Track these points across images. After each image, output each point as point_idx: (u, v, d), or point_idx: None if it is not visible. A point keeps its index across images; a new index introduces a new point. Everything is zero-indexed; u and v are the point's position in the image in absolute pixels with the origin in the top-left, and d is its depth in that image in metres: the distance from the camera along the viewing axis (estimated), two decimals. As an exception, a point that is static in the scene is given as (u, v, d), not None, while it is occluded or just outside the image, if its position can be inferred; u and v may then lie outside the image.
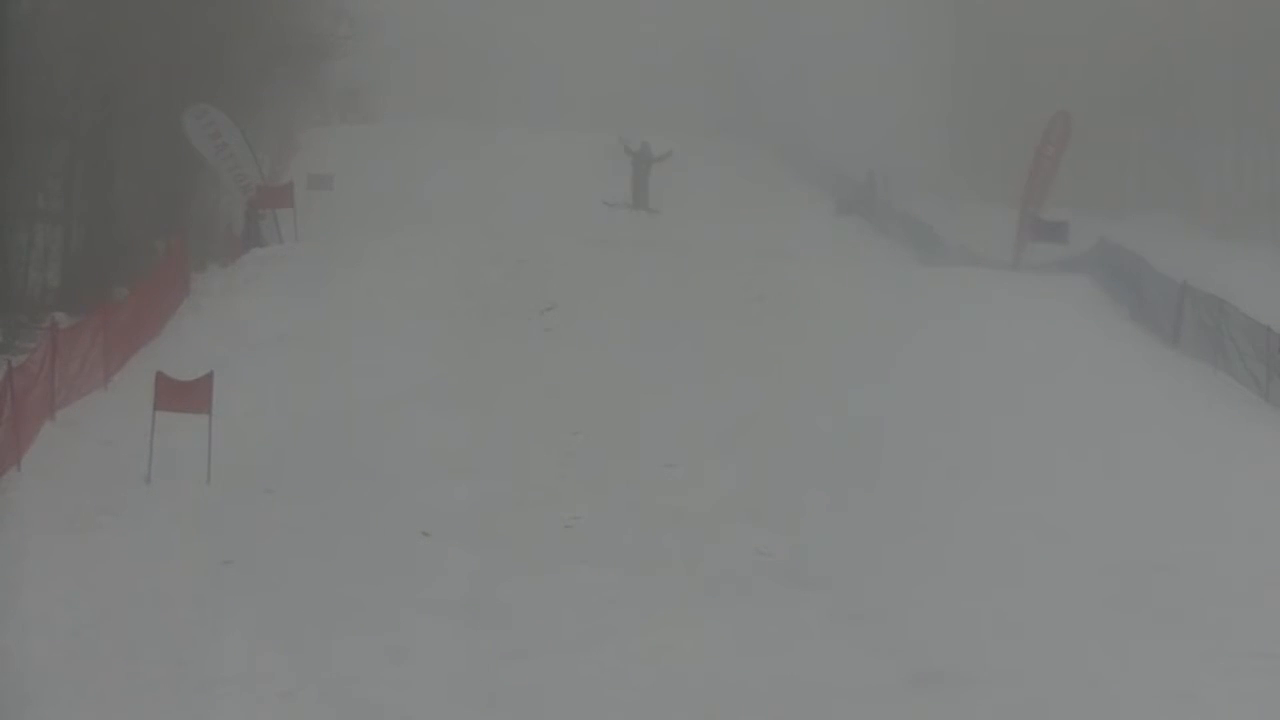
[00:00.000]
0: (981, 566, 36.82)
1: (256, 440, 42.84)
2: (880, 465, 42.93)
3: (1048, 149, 75.27)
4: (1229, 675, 31.01)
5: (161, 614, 32.70)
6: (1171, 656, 31.90)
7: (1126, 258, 64.21)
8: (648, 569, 36.12)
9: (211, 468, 40.96)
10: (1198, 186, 77.09)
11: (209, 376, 42.94)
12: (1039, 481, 42.01)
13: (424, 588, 34.46)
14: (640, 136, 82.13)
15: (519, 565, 36.01)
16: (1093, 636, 33.17)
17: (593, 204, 77.69)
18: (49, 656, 29.55)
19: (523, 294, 56.60)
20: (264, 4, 68.73)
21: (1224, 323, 55.43)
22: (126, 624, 31.94)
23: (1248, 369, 52.59)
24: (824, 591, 34.97)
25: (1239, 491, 42.72)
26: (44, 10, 57.33)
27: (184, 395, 42.74)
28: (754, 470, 42.46)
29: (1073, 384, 50.58)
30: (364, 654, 30.96)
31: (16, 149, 56.02)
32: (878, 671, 30.98)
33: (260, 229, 66.52)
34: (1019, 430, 46.02)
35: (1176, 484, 42.64)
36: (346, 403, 46.84)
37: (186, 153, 66.01)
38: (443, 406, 46.71)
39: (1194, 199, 76.32)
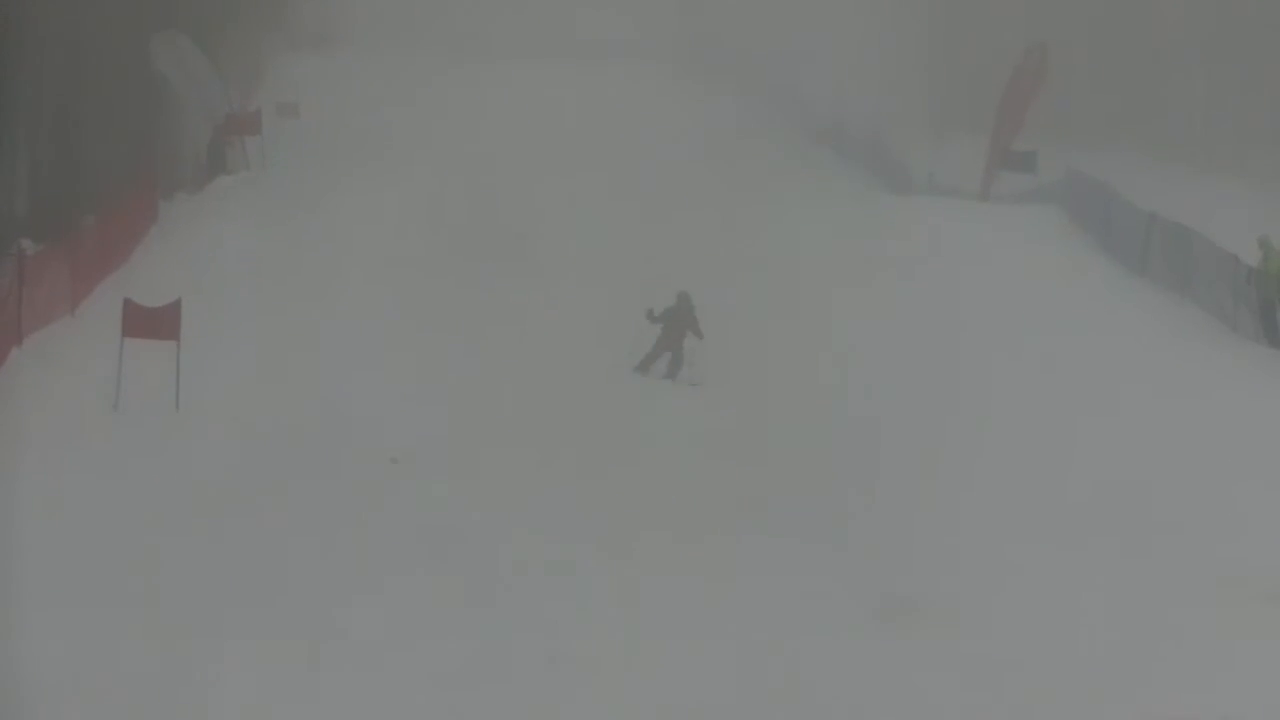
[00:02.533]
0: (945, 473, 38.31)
1: (224, 368, 43.14)
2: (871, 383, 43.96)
3: (1022, 81, 75.51)
4: (1197, 601, 31.47)
5: (122, 542, 33.14)
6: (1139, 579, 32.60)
7: (1095, 188, 64.67)
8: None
9: (180, 395, 41.65)
10: (1168, 119, 77.08)
11: (177, 303, 43.31)
12: (1003, 406, 42.94)
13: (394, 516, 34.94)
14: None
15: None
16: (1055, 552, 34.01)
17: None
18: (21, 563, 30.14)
19: (489, 230, 57.09)
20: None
21: (1190, 251, 56.09)
22: (91, 547, 32.51)
23: (1215, 298, 53.19)
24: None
25: (1203, 421, 43.34)
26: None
27: (152, 322, 43.09)
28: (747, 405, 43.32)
29: (1037, 316, 50.98)
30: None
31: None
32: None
33: (227, 157, 66.89)
34: (983, 361, 46.59)
35: (1144, 415, 43.18)
36: (311, 330, 47.32)
37: (153, 79, 66.33)
38: (400, 336, 47.26)
39: (1165, 132, 76.35)
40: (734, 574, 32.33)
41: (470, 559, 32.97)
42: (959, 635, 30.21)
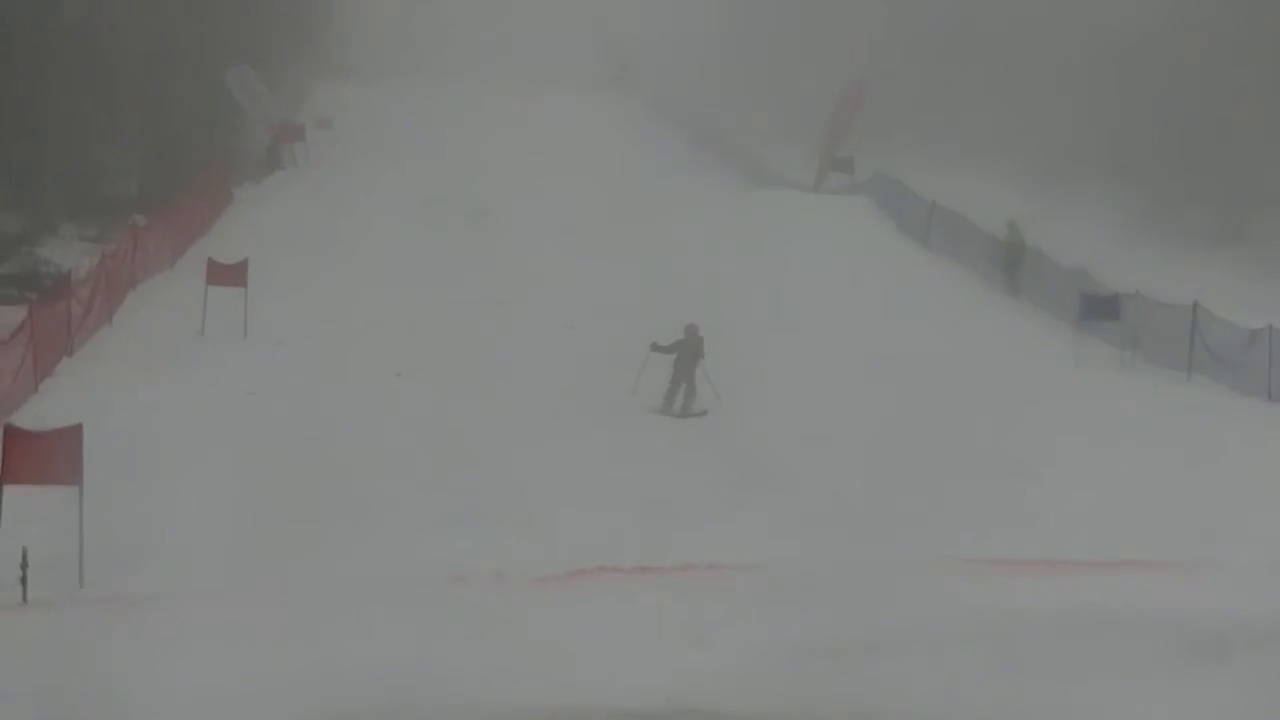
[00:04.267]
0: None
1: (277, 302, 42.76)
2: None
3: (845, 104, 75.36)
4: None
5: (203, 424, 33.42)
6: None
7: (894, 184, 64.91)
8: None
9: (248, 326, 42.03)
10: (949, 135, 76.69)
11: (245, 262, 43.65)
12: (818, 321, 43.80)
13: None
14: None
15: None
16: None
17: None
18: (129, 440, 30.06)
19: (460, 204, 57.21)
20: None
21: (959, 230, 56.77)
22: (180, 429, 32.88)
23: (975, 262, 53.81)
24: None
25: (962, 338, 44.22)
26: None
27: (227, 274, 43.35)
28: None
29: (850, 271, 51.52)
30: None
31: (104, 103, 56.86)
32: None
33: (281, 156, 67.17)
34: (807, 295, 47.11)
35: (920, 332, 43.93)
36: (322, 275, 47.25)
37: (227, 99, 66.56)
38: (405, 279, 46.96)
39: (946, 144, 76.04)
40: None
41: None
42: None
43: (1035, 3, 74.03)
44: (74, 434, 24.95)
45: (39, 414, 31.47)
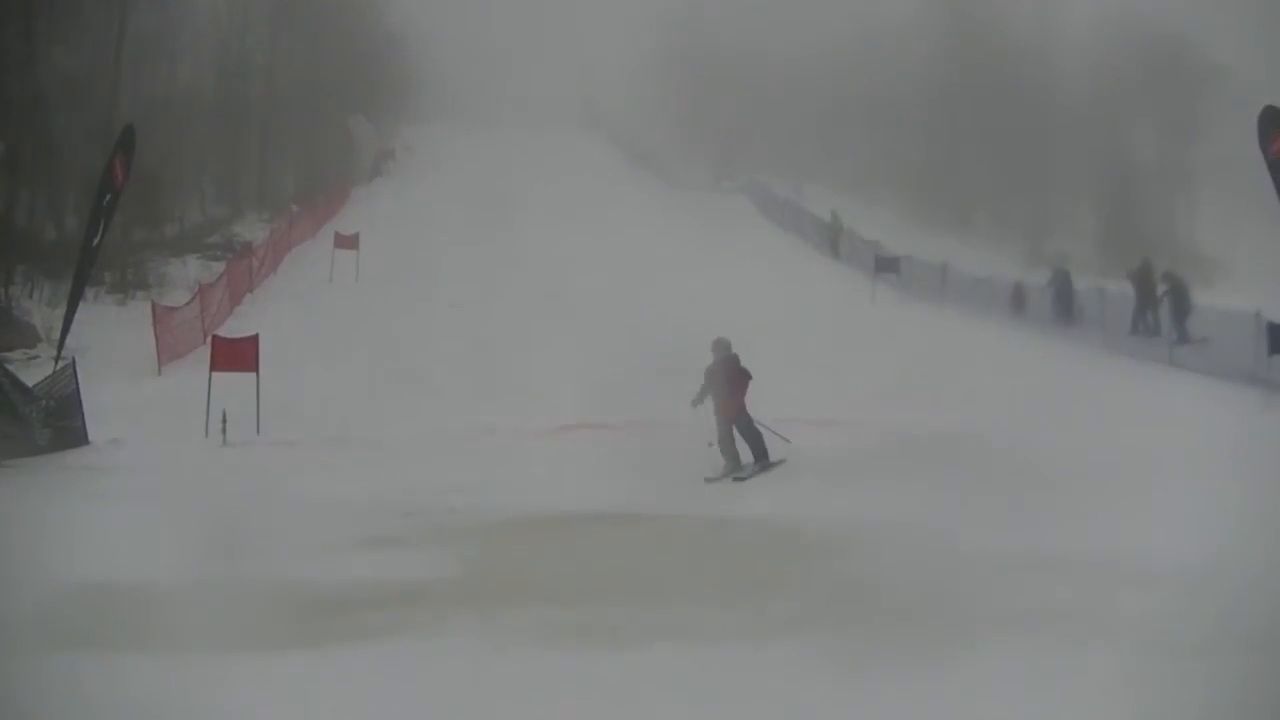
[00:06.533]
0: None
1: (375, 259, 42.51)
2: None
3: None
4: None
5: (330, 335, 33.49)
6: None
7: (761, 188, 64.61)
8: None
9: (359, 273, 42.07)
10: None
11: (357, 234, 44.01)
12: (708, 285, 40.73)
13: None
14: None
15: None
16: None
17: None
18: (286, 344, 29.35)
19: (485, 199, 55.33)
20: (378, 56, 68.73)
21: (801, 216, 57.30)
22: (316, 338, 33.15)
23: (815, 238, 54.28)
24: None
25: (802, 279, 44.49)
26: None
27: (347, 241, 43.56)
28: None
29: (728, 239, 50.53)
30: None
31: (276, 138, 57.23)
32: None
33: (381, 169, 66.89)
34: (702, 254, 45.29)
35: (774, 274, 43.96)
36: (405, 242, 46.17)
37: (348, 134, 66.51)
38: (455, 243, 45.81)
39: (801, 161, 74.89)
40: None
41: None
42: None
43: (848, 63, 73.28)
44: (253, 340, 25.80)
45: (232, 328, 32.06)
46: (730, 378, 19.26)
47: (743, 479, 17.97)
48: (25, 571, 11.48)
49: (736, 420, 19.07)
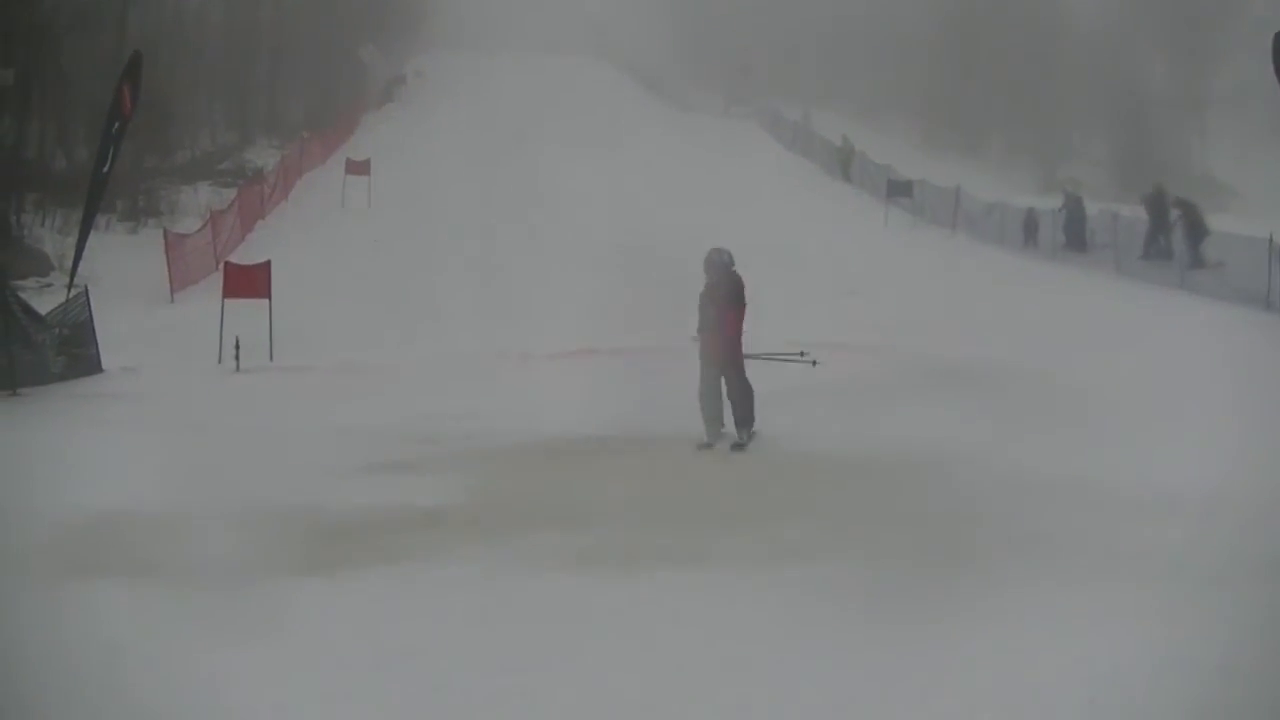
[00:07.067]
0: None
1: (386, 185, 42.90)
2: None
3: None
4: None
5: (342, 261, 34.06)
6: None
7: (773, 112, 64.88)
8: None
9: (371, 198, 42.19)
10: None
11: (368, 160, 44.13)
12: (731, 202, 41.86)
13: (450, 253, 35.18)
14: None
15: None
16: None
17: None
18: (298, 270, 29.83)
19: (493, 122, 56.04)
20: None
21: (814, 141, 57.12)
22: (327, 264, 33.56)
23: (825, 161, 54.19)
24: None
25: (815, 201, 45.01)
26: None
27: (358, 168, 43.87)
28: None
29: (740, 161, 51.45)
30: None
31: (292, 67, 56.97)
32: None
33: (392, 95, 66.85)
34: (714, 176, 46.33)
35: (787, 196, 44.70)
36: (417, 168, 46.55)
37: (355, 60, 66.40)
38: (462, 171, 45.73)
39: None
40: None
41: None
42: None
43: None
44: (265, 267, 25.94)
45: (244, 255, 32.17)
46: (729, 301, 14.31)
47: (743, 447, 14.03)
48: (43, 499, 11.45)
49: (725, 368, 14.35)
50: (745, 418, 14.33)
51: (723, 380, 14.36)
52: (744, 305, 14.40)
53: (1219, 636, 7.51)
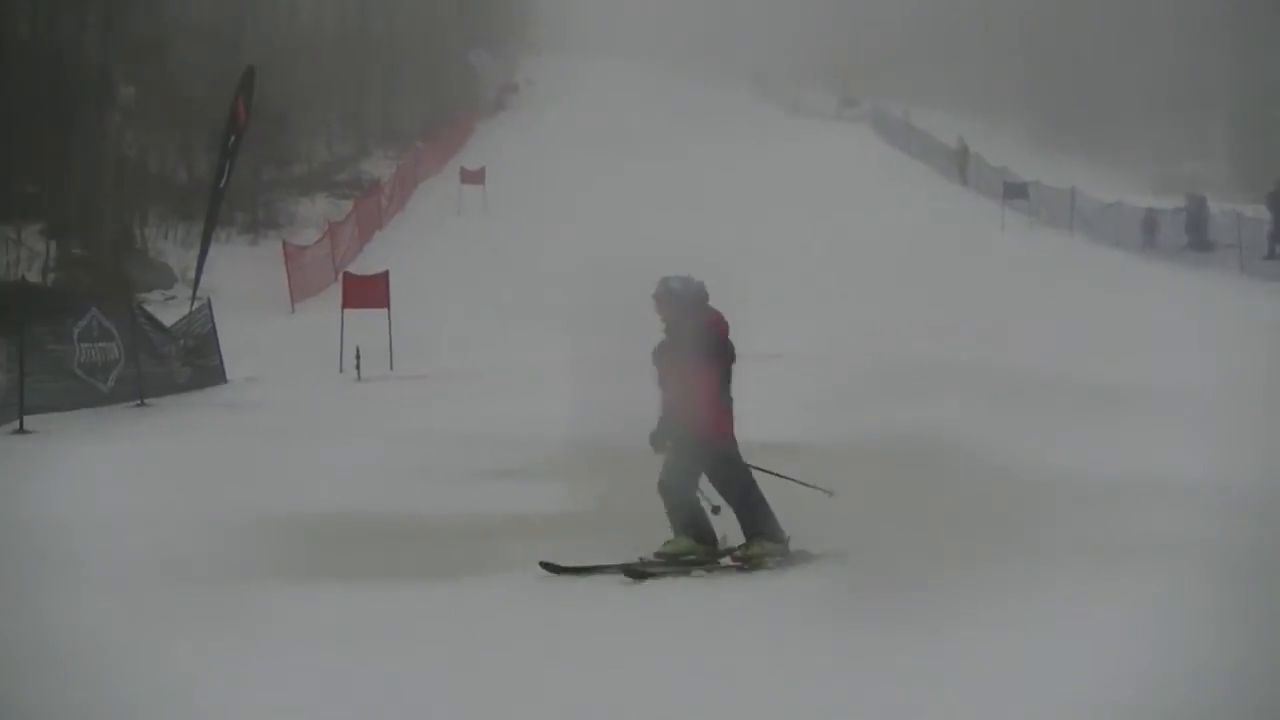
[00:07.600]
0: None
1: (503, 193, 43.05)
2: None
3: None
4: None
5: (460, 268, 34.45)
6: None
7: (885, 115, 64.45)
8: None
9: (486, 207, 42.54)
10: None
11: (483, 168, 44.43)
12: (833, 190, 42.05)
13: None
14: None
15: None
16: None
17: None
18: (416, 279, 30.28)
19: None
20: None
21: (925, 142, 56.54)
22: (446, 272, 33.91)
23: (940, 163, 53.64)
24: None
25: (933, 204, 44.54)
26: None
27: (473, 176, 44.25)
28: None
29: (855, 167, 51.14)
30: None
31: (401, 77, 57.50)
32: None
33: (504, 103, 67.22)
34: (829, 182, 45.99)
35: (906, 200, 44.10)
36: (538, 175, 45.89)
37: (471, 70, 66.81)
38: (573, 175, 45.24)
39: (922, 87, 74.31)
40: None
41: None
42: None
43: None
44: (383, 277, 26.37)
45: (362, 266, 32.47)
46: (706, 357, 9.40)
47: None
48: (186, 508, 11.66)
49: (713, 455, 9.29)
50: (757, 524, 9.28)
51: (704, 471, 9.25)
52: (730, 361, 9.42)
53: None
